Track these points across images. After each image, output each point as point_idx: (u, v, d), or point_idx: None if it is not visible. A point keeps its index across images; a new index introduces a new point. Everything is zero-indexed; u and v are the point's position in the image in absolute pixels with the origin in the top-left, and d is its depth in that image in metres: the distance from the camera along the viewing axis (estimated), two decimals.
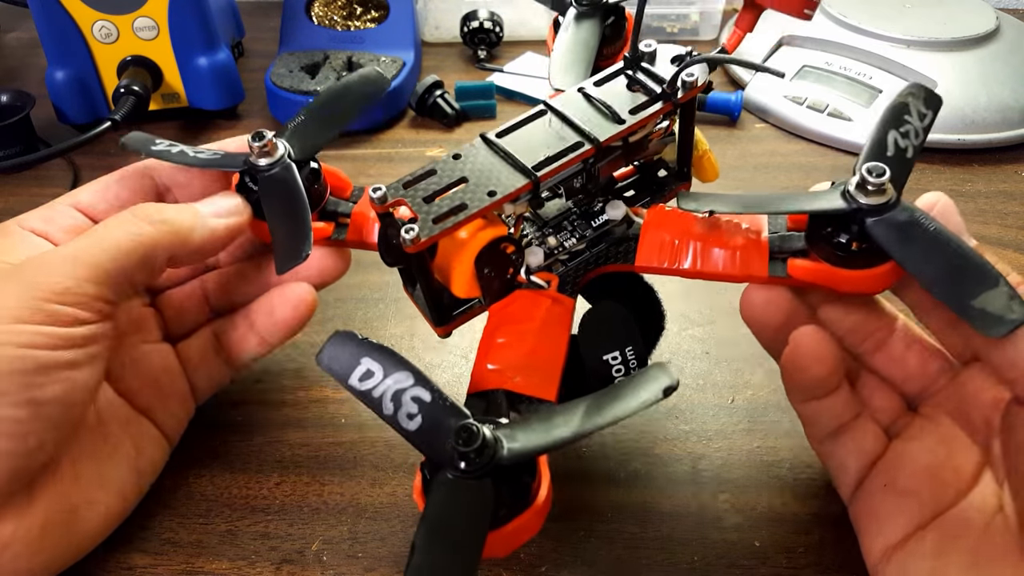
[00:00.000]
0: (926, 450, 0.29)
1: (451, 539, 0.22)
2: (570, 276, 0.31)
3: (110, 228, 0.29)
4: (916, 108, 0.29)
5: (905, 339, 0.30)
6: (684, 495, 0.33)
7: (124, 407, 0.32)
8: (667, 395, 0.22)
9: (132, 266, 0.29)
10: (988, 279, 0.24)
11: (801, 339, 0.28)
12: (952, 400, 0.29)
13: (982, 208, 0.51)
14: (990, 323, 0.23)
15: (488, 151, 0.29)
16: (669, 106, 0.30)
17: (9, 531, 0.26)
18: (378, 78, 0.35)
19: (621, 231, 0.32)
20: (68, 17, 0.54)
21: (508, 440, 0.23)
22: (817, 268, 0.28)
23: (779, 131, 0.60)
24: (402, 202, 0.27)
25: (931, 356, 0.30)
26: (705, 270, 0.29)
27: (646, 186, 0.34)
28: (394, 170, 0.56)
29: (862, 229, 0.26)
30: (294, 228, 0.30)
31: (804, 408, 0.30)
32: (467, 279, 0.28)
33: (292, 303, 0.34)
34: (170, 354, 0.34)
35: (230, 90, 0.60)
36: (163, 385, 0.33)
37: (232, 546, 0.32)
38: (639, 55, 0.31)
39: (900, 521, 0.28)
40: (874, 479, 0.29)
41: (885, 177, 0.26)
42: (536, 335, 0.28)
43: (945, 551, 0.26)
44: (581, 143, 0.29)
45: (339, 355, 0.24)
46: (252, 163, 0.31)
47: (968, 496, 0.27)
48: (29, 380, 0.26)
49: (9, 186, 0.55)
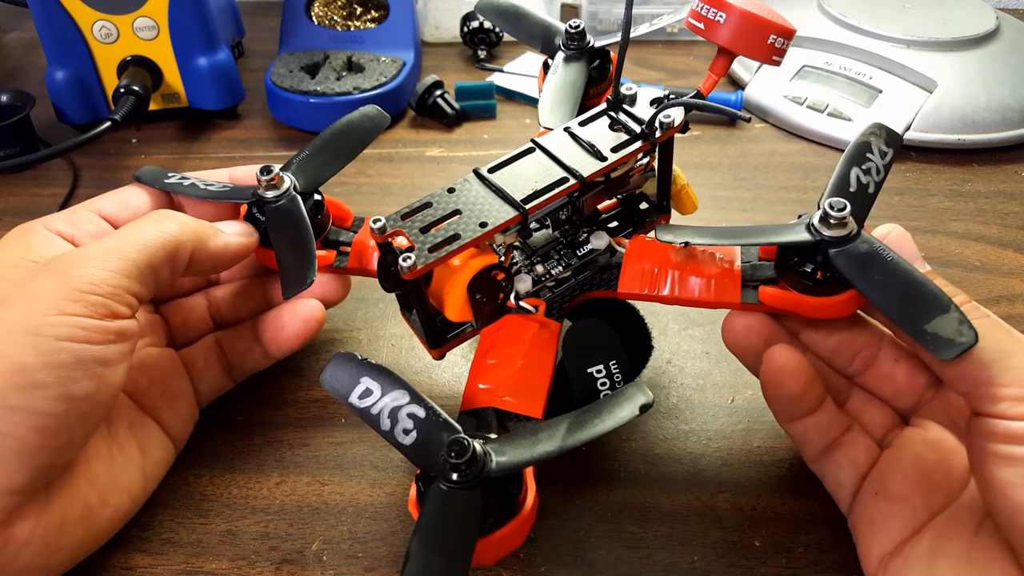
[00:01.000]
0: (916, 456, 0.29)
1: (443, 546, 0.23)
2: (557, 301, 0.33)
3: (139, 225, 0.30)
4: (878, 147, 0.31)
5: (893, 355, 0.31)
6: (684, 495, 0.33)
7: (131, 408, 0.32)
8: (643, 412, 0.24)
9: (160, 261, 0.30)
10: (940, 305, 0.26)
11: (773, 356, 0.29)
12: (940, 411, 0.30)
13: (982, 208, 0.51)
14: (942, 346, 0.25)
15: (480, 185, 0.31)
16: (647, 145, 0.32)
17: (29, 529, 0.27)
18: (377, 115, 0.37)
19: (605, 260, 0.34)
20: (68, 17, 0.54)
21: (496, 454, 0.24)
22: (785, 296, 0.30)
23: (779, 131, 0.60)
24: (400, 232, 0.29)
25: (918, 371, 0.31)
26: (682, 296, 0.31)
27: (628, 218, 0.36)
28: (394, 170, 0.56)
29: (826, 259, 0.28)
30: (299, 257, 0.31)
31: (793, 428, 0.31)
32: (460, 304, 0.30)
33: (303, 317, 0.36)
34: (175, 358, 0.35)
35: (230, 90, 0.60)
36: (169, 386, 0.34)
37: (232, 546, 0.32)
38: (621, 98, 0.33)
39: (894, 527, 0.28)
40: (867, 487, 0.30)
41: (846, 211, 0.28)
42: (524, 357, 0.30)
43: (938, 554, 0.26)
44: (567, 178, 0.31)
45: (340, 375, 0.26)
46: (260, 195, 0.33)
47: (961, 497, 0.28)
48: (67, 374, 0.26)
49: (9, 186, 0.55)
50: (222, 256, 0.32)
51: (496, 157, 0.32)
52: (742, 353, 0.32)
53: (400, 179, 0.55)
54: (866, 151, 0.31)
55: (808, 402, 0.30)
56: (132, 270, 0.28)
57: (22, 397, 0.25)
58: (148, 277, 0.29)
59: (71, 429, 0.27)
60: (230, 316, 0.37)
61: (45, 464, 0.26)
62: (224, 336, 0.36)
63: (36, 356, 0.25)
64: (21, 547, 0.27)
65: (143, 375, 0.33)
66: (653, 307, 0.34)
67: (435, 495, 0.24)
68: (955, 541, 0.26)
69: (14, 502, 0.26)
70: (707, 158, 0.57)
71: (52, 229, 0.32)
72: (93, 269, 0.28)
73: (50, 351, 0.26)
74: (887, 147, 0.31)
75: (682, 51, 0.72)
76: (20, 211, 0.52)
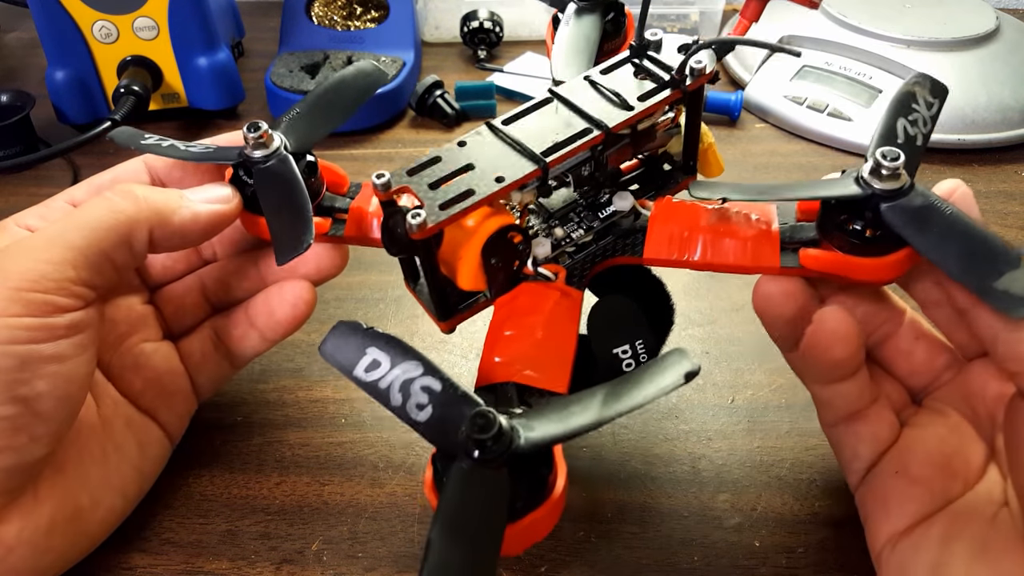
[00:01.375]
0: (939, 439, 0.28)
1: (468, 533, 0.21)
2: (577, 269, 0.30)
3: (87, 208, 0.28)
4: (923, 97, 0.29)
5: (913, 332, 0.30)
6: (684, 495, 0.33)
7: (128, 408, 0.32)
8: (688, 380, 0.21)
9: (111, 244, 0.28)
10: (1010, 260, 0.24)
11: (826, 318, 0.28)
12: (957, 395, 0.29)
13: (982, 208, 0.50)
14: (1014, 304, 0.23)
15: (494, 138, 0.28)
16: (678, 93, 0.29)
17: (15, 531, 0.26)
18: (374, 71, 0.34)
19: (628, 223, 0.31)
20: (68, 17, 0.54)
21: (525, 429, 0.22)
22: (831, 257, 0.27)
23: (779, 131, 0.60)
24: (406, 189, 0.27)
25: (938, 351, 0.30)
26: (716, 261, 0.29)
27: (651, 180, 0.33)
28: None
29: (877, 215, 0.26)
30: (293, 218, 0.29)
31: (821, 391, 0.30)
32: (474, 269, 0.28)
33: (290, 302, 0.33)
34: (172, 353, 0.34)
35: (230, 90, 0.60)
36: (166, 384, 0.33)
37: (232, 546, 0.32)
38: (646, 43, 0.30)
39: (909, 508, 0.28)
40: (886, 465, 0.29)
41: (899, 161, 0.25)
42: (545, 327, 0.27)
43: (951, 541, 0.26)
44: (590, 129, 0.28)
45: (342, 345, 0.23)
46: (247, 155, 0.30)
47: (976, 487, 0.27)
48: (13, 377, 0.25)
49: (9, 186, 0.55)
50: (192, 229, 0.30)
51: None
52: (772, 319, 0.29)
53: None
54: (911, 102, 0.29)
55: (849, 368, 0.28)
56: (77, 258, 0.27)
57: None
58: (100, 263, 0.27)
59: (31, 429, 0.25)
60: (225, 297, 0.35)
61: (13, 466, 0.25)
62: (220, 323, 0.35)
63: None
64: (8, 550, 0.26)
65: (138, 375, 0.32)
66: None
67: (457, 476, 0.21)
68: (970, 528, 0.26)
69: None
70: None
71: (22, 224, 0.31)
72: (32, 263, 0.26)
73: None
74: (932, 97, 0.29)
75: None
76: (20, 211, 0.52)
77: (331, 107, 0.33)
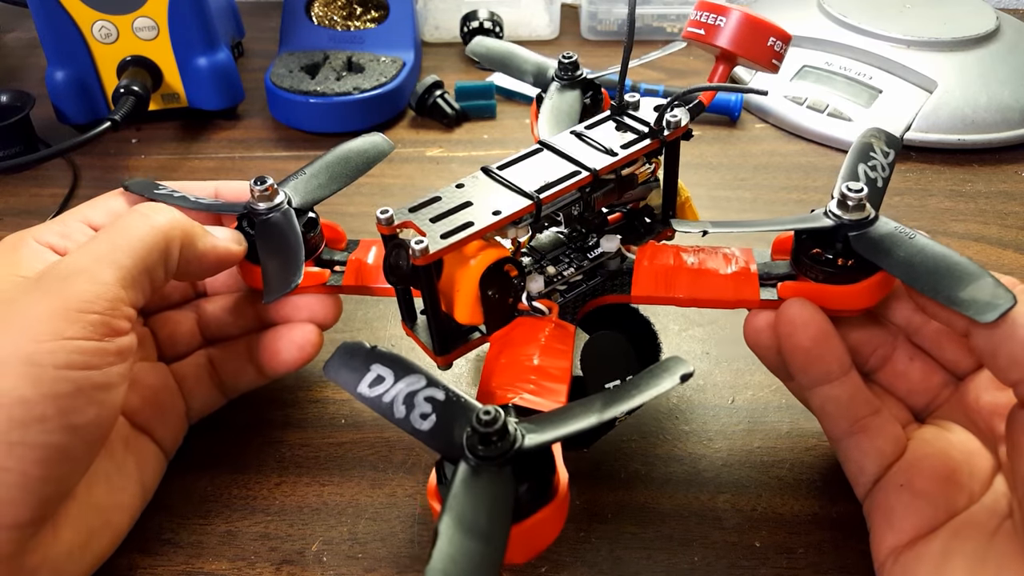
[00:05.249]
0: (944, 452, 0.29)
1: (476, 524, 0.21)
2: (569, 307, 0.32)
3: (127, 224, 0.28)
4: (879, 147, 0.32)
5: (907, 354, 0.31)
6: (684, 495, 0.33)
7: (125, 425, 0.31)
8: (684, 381, 0.22)
9: (154, 262, 0.28)
10: (972, 273, 0.25)
11: (786, 308, 0.29)
12: (958, 410, 0.30)
13: (982, 208, 0.51)
14: (982, 309, 0.24)
15: (490, 180, 0.30)
16: (657, 143, 0.32)
17: (39, 560, 0.26)
18: (383, 144, 0.37)
19: (615, 264, 0.33)
20: (68, 17, 0.54)
21: (528, 432, 0.22)
22: (807, 287, 0.29)
23: (779, 131, 0.60)
24: (408, 224, 0.28)
25: (933, 369, 0.31)
26: (700, 296, 0.31)
27: (633, 230, 0.36)
28: (394, 170, 0.56)
29: (846, 244, 0.28)
30: (285, 260, 0.30)
31: (813, 398, 0.30)
32: (471, 301, 0.29)
33: (298, 344, 0.34)
34: (166, 372, 0.34)
35: (230, 90, 0.60)
36: (161, 402, 0.33)
37: (232, 546, 0.32)
38: (625, 104, 0.33)
39: (913, 521, 0.28)
40: (891, 478, 0.29)
41: (863, 193, 0.28)
42: (542, 354, 0.29)
43: (951, 555, 0.26)
44: (579, 171, 0.30)
45: (347, 365, 0.24)
46: (252, 207, 0.32)
47: (981, 500, 0.27)
48: (68, 404, 0.24)
49: (9, 186, 0.55)
50: (208, 258, 0.31)
51: (496, 157, 0.32)
52: (765, 351, 0.31)
53: (400, 179, 0.55)
54: (869, 150, 0.32)
55: (825, 362, 0.29)
56: (126, 278, 0.27)
57: (23, 432, 0.24)
58: (144, 282, 0.28)
59: (74, 458, 0.25)
60: (219, 332, 0.36)
61: (50, 495, 0.25)
62: (216, 354, 0.35)
63: (35, 388, 0.24)
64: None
65: (135, 393, 0.32)
66: (652, 306, 0.34)
67: (463, 475, 0.22)
68: (971, 542, 0.26)
69: (21, 535, 0.25)
70: (707, 158, 0.57)
71: (43, 242, 0.30)
72: (87, 284, 0.26)
73: (49, 381, 0.24)
74: (888, 148, 0.32)
75: (682, 52, 0.72)
76: (20, 211, 0.52)
77: (337, 172, 0.35)
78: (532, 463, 0.23)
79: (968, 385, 0.30)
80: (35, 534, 0.26)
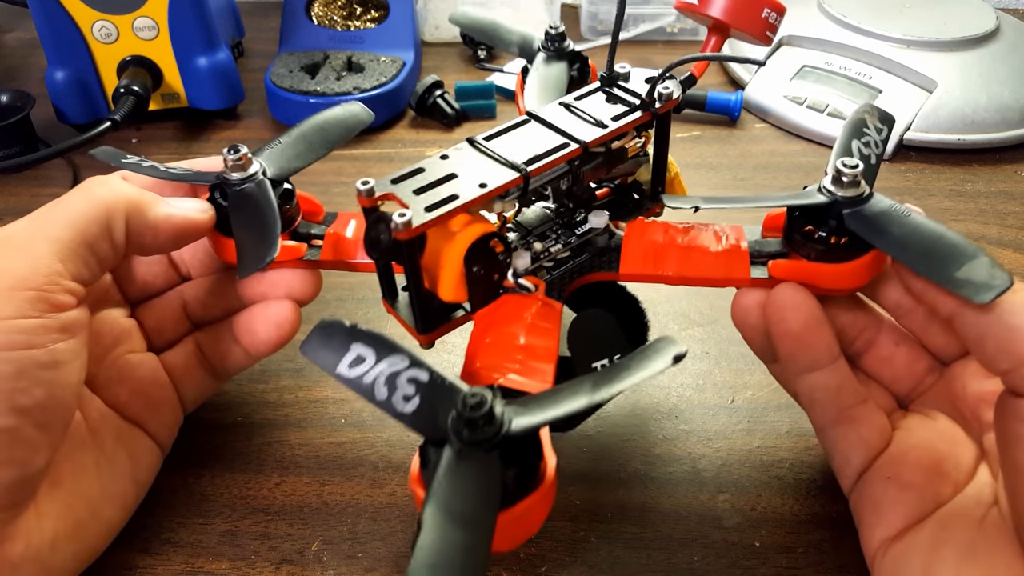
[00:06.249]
0: (928, 443, 0.29)
1: (462, 513, 0.20)
2: (556, 284, 0.31)
3: (64, 200, 0.28)
4: (873, 124, 0.31)
5: (893, 339, 0.30)
6: (684, 495, 0.33)
7: (116, 419, 0.31)
8: (676, 362, 0.21)
9: (95, 235, 0.27)
10: (968, 252, 0.25)
11: (776, 292, 0.29)
12: (942, 397, 0.30)
13: (982, 208, 0.51)
14: (977, 290, 0.24)
15: (476, 152, 0.29)
16: (648, 115, 0.31)
17: (21, 549, 0.26)
18: (362, 113, 0.35)
19: (603, 241, 0.32)
20: (68, 17, 0.54)
21: (516, 416, 0.21)
22: (799, 266, 0.29)
23: (779, 131, 0.60)
24: (390, 196, 0.27)
25: (919, 355, 0.30)
26: (689, 274, 0.30)
27: (622, 206, 0.35)
28: (394, 170, 0.55)
29: (840, 222, 0.27)
30: (260, 236, 0.29)
31: (801, 385, 0.30)
32: (456, 277, 0.28)
33: (274, 321, 0.33)
34: (156, 364, 0.33)
35: (230, 90, 0.60)
36: (152, 394, 0.33)
37: (232, 546, 0.32)
38: (615, 75, 0.32)
39: (900, 513, 0.28)
40: (877, 470, 0.29)
41: (858, 169, 0.27)
42: (528, 332, 0.28)
43: (939, 545, 0.26)
44: (567, 143, 0.29)
45: (325, 343, 0.23)
46: (224, 177, 0.31)
47: (965, 490, 0.27)
48: (12, 386, 0.24)
49: (9, 186, 0.55)
50: (163, 228, 0.29)
51: None
52: (751, 332, 0.30)
53: None
54: (863, 127, 0.31)
55: (815, 349, 0.29)
56: (63, 251, 0.26)
57: None
58: (86, 255, 0.26)
59: (27, 441, 0.25)
60: (204, 315, 0.35)
61: (11, 480, 0.25)
62: (203, 338, 0.35)
63: None
64: (15, 568, 0.26)
65: (124, 387, 0.32)
66: (652, 306, 0.34)
67: (448, 460, 0.21)
68: (959, 532, 0.26)
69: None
70: (707, 158, 0.57)
71: None
72: (20, 260, 0.25)
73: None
74: (881, 124, 0.31)
75: (681, 50, 0.72)
76: (20, 211, 0.52)
77: (315, 141, 0.34)
78: (519, 448, 0.22)
79: (954, 371, 0.29)
80: (12, 520, 0.26)
